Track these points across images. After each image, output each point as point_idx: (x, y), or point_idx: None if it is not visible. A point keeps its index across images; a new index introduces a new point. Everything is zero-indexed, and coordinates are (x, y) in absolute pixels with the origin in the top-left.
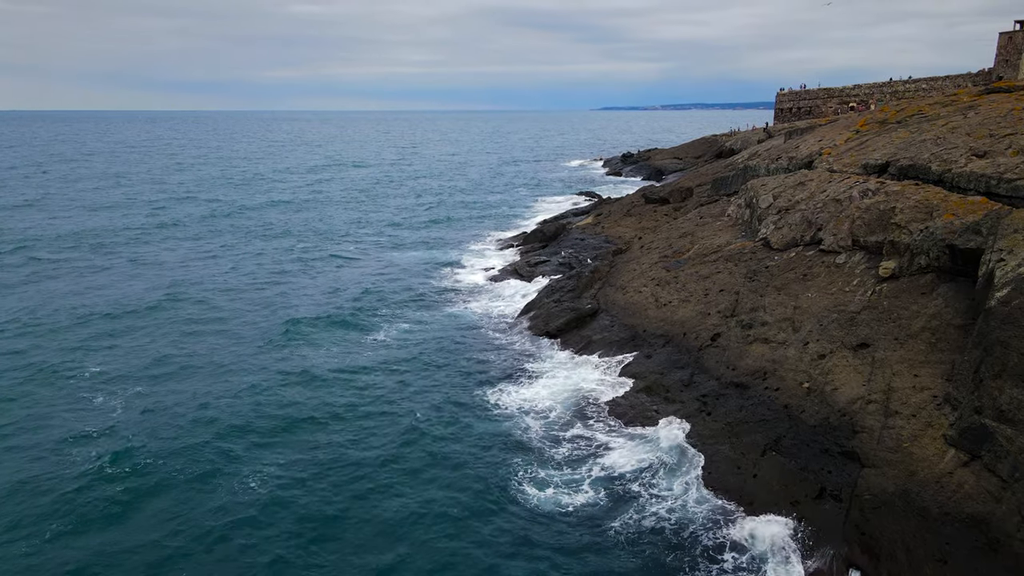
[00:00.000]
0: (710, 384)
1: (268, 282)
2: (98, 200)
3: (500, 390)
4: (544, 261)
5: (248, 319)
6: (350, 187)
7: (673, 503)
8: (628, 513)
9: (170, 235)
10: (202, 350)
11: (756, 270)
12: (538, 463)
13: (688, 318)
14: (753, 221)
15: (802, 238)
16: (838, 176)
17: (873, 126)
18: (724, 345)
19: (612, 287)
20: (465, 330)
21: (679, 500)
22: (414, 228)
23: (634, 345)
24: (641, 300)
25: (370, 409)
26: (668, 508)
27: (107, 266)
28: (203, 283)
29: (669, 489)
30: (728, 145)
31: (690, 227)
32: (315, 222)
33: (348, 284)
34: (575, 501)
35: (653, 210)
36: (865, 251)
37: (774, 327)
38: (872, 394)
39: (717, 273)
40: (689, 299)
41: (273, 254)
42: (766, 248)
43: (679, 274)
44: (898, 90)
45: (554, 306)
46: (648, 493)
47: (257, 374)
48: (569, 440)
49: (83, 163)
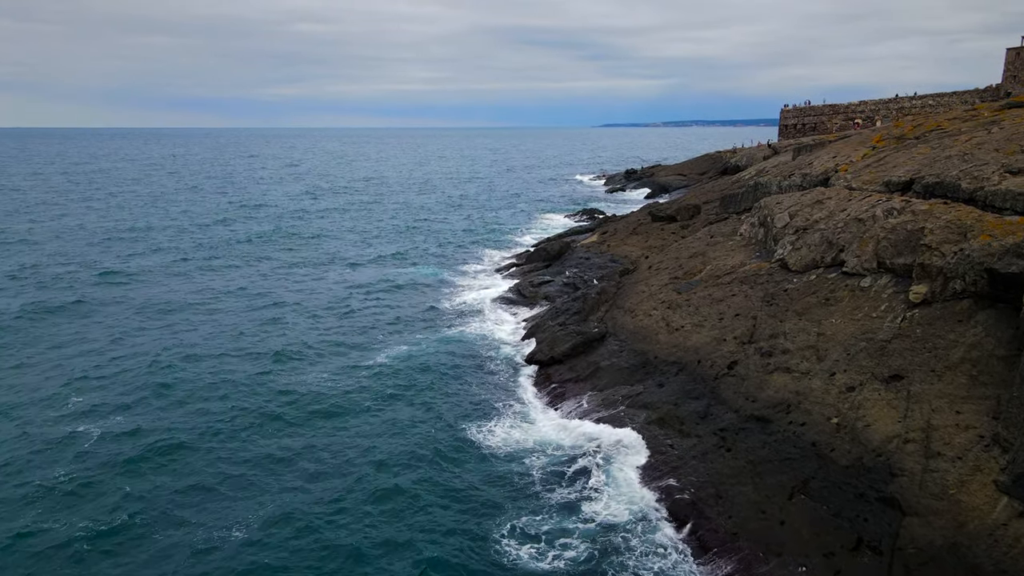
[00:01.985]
0: (728, 417)
1: (258, 302)
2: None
3: (498, 425)
4: (548, 281)
5: (234, 343)
6: (346, 204)
7: (684, 554)
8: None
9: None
10: (182, 376)
11: (774, 293)
12: (530, 511)
13: (702, 344)
14: (768, 241)
15: (822, 259)
16: (858, 194)
17: (890, 142)
18: (742, 374)
19: (620, 310)
20: (464, 356)
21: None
22: (413, 246)
23: (645, 372)
24: (651, 324)
25: (353, 446)
26: (674, 562)
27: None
28: (190, 302)
29: (682, 536)
30: (733, 162)
31: (700, 247)
32: (308, 240)
33: (342, 305)
34: (566, 556)
35: (660, 228)
36: (892, 274)
37: (796, 355)
38: (910, 432)
39: (732, 296)
40: (703, 324)
41: (263, 271)
42: (783, 270)
43: (691, 297)
44: (904, 106)
45: (559, 330)
46: (653, 543)
47: (237, 406)
48: (568, 482)
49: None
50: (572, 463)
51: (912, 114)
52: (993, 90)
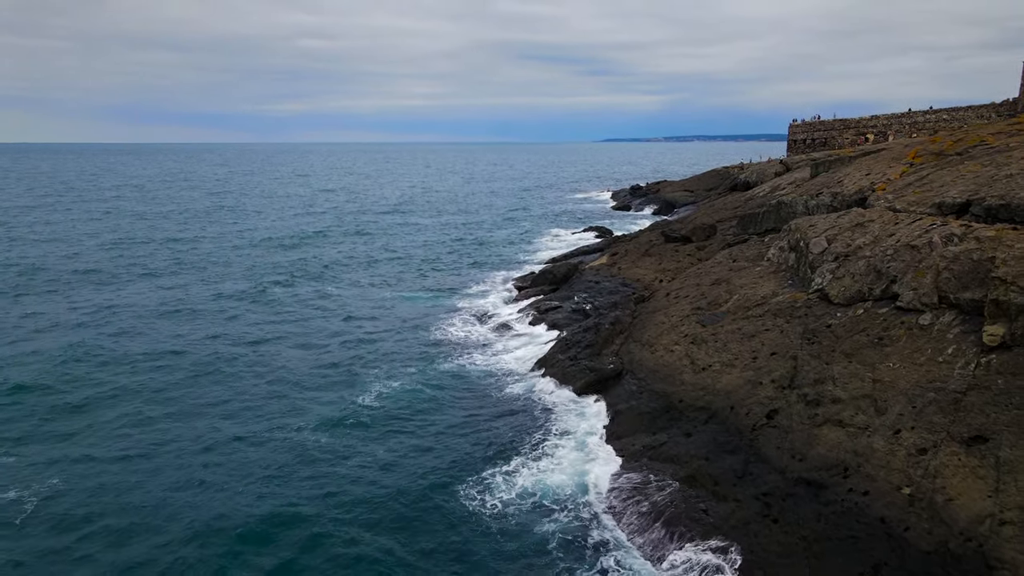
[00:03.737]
0: (772, 478)
1: (251, 330)
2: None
3: (499, 473)
4: (555, 307)
5: (216, 375)
6: (342, 223)
7: None
8: None
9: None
10: (160, 412)
11: (815, 330)
12: None
13: (734, 387)
14: (802, 268)
15: (870, 291)
16: (905, 216)
17: (928, 158)
18: (785, 425)
19: (637, 343)
20: (464, 393)
21: None
22: (410, 267)
23: (669, 418)
24: (674, 361)
25: (343, 493)
26: None
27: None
28: (182, 327)
29: None
30: (743, 178)
31: (723, 272)
32: (303, 261)
33: (337, 332)
34: None
35: (674, 250)
36: (957, 310)
37: (850, 406)
38: (1005, 511)
39: (765, 331)
40: (733, 363)
41: (256, 296)
42: (824, 302)
43: (718, 330)
44: (917, 121)
45: (570, 364)
46: None
47: (220, 455)
48: (587, 551)
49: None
50: (588, 528)
51: (926, 129)
52: (1009, 104)
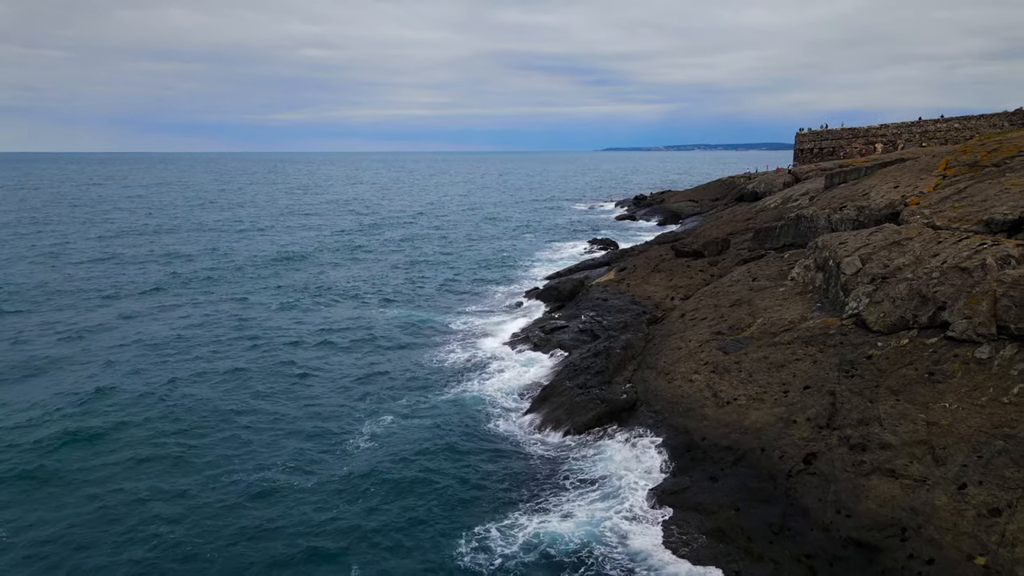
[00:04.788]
0: (815, 536)
1: (232, 354)
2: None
3: (502, 524)
4: (561, 327)
5: (194, 399)
6: (335, 234)
7: None
8: None
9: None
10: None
11: (854, 361)
12: None
13: (764, 425)
14: (833, 290)
15: (915, 318)
16: (948, 235)
17: (961, 169)
18: (826, 473)
19: (652, 370)
20: (462, 427)
21: None
22: (406, 283)
23: (691, 459)
24: (693, 392)
25: (321, 550)
26: None
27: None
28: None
29: None
30: (750, 188)
31: (743, 292)
32: (291, 276)
33: (325, 356)
34: None
35: (686, 265)
36: (1021, 343)
37: (902, 453)
38: None
39: (796, 360)
40: (762, 396)
41: (237, 312)
42: (861, 329)
43: (741, 358)
44: (928, 130)
45: (579, 393)
46: None
47: (195, 480)
48: None
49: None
50: None
51: (937, 138)
52: (1023, 113)
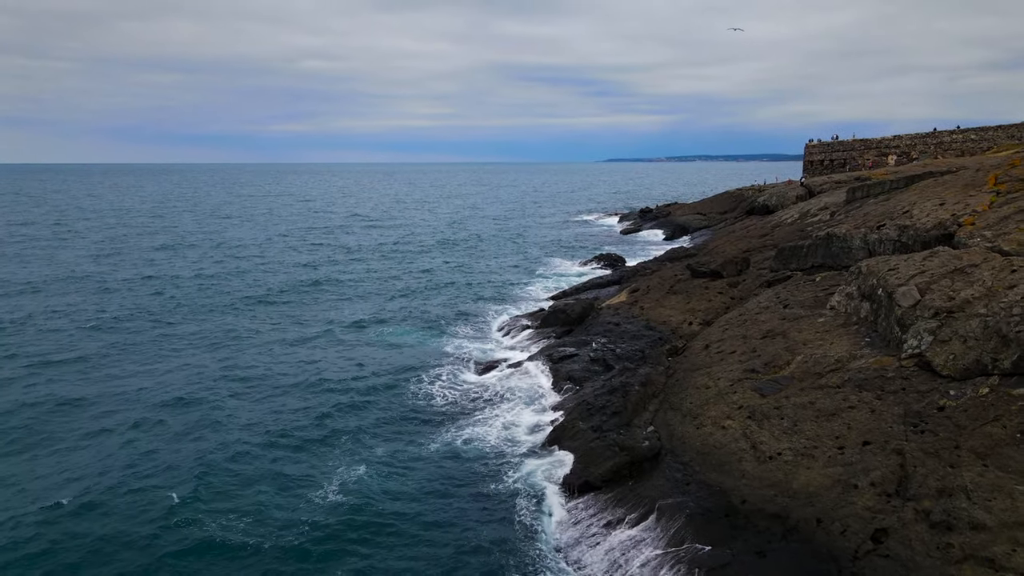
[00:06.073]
0: None
1: (197, 383)
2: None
3: None
4: (571, 355)
5: (148, 434)
6: (330, 247)
7: None
8: None
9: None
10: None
11: (922, 412)
12: None
13: (818, 488)
14: (884, 323)
15: (994, 363)
16: (1022, 262)
17: (1015, 184)
18: (903, 556)
19: (676, 412)
20: (452, 481)
21: None
22: (397, 300)
23: (731, 527)
24: (728, 442)
25: None
26: None
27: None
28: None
29: None
30: (761, 201)
31: (774, 321)
32: (271, 291)
33: (298, 386)
34: None
35: (703, 286)
36: None
37: (1001, 537)
38: None
39: (849, 408)
40: (812, 452)
41: (210, 335)
42: (925, 372)
43: (782, 403)
44: (944, 141)
45: (593, 437)
46: None
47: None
48: None
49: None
50: None
51: (953, 149)
52: None
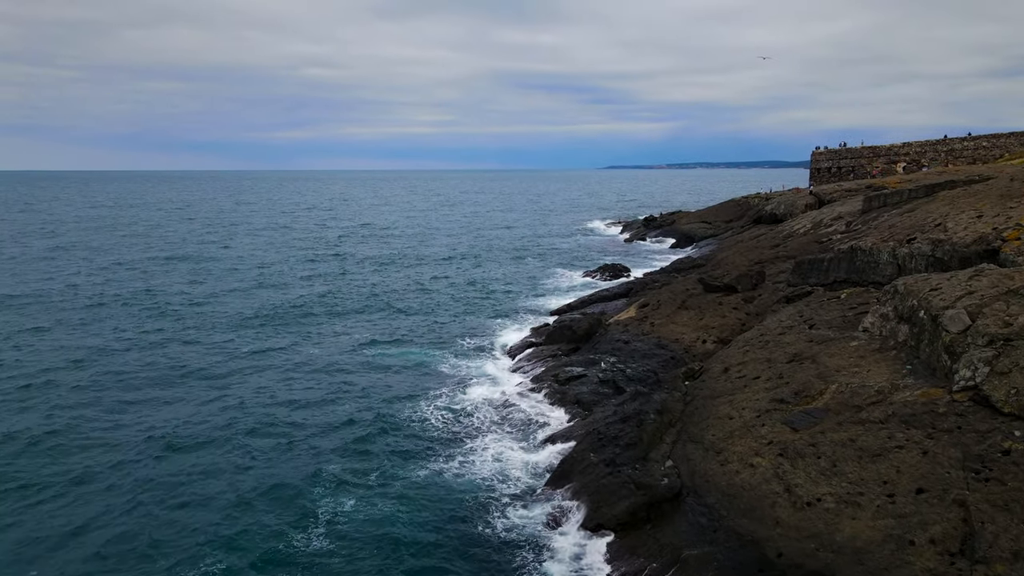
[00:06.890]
0: None
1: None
2: None
3: None
4: (579, 376)
5: (121, 453)
6: (329, 260)
7: None
8: None
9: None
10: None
11: (983, 457)
12: None
13: (867, 543)
14: (928, 349)
15: None
16: None
17: None
18: None
19: (697, 445)
20: (447, 521)
21: None
22: (392, 315)
23: None
24: (757, 483)
25: None
26: None
27: None
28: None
29: None
30: (768, 209)
31: (801, 344)
32: (267, 301)
33: (285, 405)
34: None
35: (717, 301)
36: None
37: None
38: None
39: (896, 448)
40: (856, 500)
41: (201, 347)
42: (983, 408)
43: (817, 439)
44: (955, 148)
45: (606, 472)
46: None
47: None
48: None
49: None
50: None
51: (964, 156)
52: None
